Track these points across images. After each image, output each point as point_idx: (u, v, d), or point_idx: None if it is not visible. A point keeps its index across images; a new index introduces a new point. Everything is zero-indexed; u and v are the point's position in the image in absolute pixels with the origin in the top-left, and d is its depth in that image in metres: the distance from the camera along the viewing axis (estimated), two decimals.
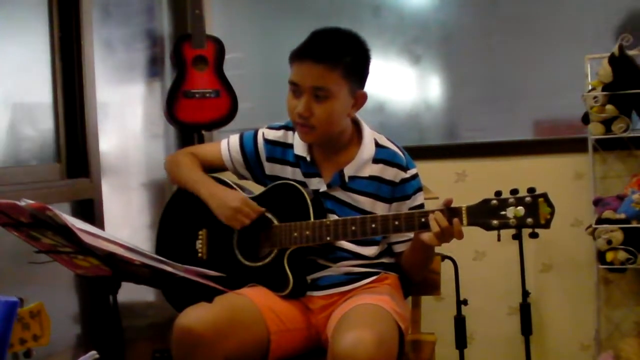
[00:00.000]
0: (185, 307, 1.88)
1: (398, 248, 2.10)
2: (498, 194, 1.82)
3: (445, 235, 1.84)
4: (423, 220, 1.87)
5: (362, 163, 2.05)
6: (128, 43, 2.92)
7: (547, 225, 1.78)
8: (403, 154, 2.09)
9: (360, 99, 2.01)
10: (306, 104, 1.94)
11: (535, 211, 1.78)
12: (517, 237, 1.93)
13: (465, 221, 1.83)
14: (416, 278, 2.16)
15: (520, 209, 1.79)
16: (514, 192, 1.81)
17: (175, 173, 2.21)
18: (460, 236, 1.84)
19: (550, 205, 1.78)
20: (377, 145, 2.08)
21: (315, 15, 3.35)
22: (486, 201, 1.83)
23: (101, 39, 2.62)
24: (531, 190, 1.80)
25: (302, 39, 2.00)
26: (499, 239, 1.84)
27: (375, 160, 2.05)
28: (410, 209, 2.04)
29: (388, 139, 2.12)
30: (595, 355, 2.88)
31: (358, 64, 1.98)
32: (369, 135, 2.08)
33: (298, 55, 1.96)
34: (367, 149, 2.05)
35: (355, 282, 2.06)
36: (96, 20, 2.54)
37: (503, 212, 1.81)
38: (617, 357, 2.76)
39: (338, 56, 1.93)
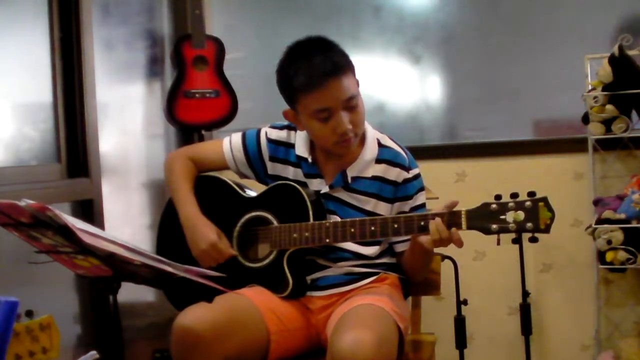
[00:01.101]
0: (186, 307, 1.89)
1: (399, 248, 2.09)
2: (498, 197, 1.81)
3: (444, 242, 1.84)
4: (422, 223, 1.86)
5: (365, 163, 2.04)
6: (128, 43, 2.92)
7: (547, 230, 1.77)
8: (406, 153, 2.09)
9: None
10: (348, 119, 1.94)
11: (535, 216, 1.77)
12: (517, 241, 1.92)
13: (464, 225, 1.82)
14: (417, 278, 2.16)
15: (520, 214, 1.78)
16: (514, 196, 1.80)
17: (168, 181, 2.23)
18: (459, 244, 1.83)
19: (550, 209, 1.77)
20: (380, 145, 2.08)
21: (315, 16, 3.35)
22: (486, 205, 1.82)
23: (101, 39, 2.62)
24: (531, 194, 1.79)
25: (302, 64, 1.97)
26: (498, 243, 1.83)
27: (378, 161, 2.05)
28: (412, 208, 2.05)
29: (391, 139, 2.11)
30: (595, 355, 2.88)
31: (348, 56, 2.00)
32: (372, 136, 2.08)
33: (317, 82, 1.91)
34: (370, 150, 2.05)
35: (355, 283, 2.06)
36: (96, 20, 2.54)
37: (503, 217, 1.80)
38: (617, 357, 2.76)
39: (344, 60, 1.96)
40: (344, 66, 1.94)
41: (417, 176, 2.08)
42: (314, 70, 1.92)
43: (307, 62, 1.94)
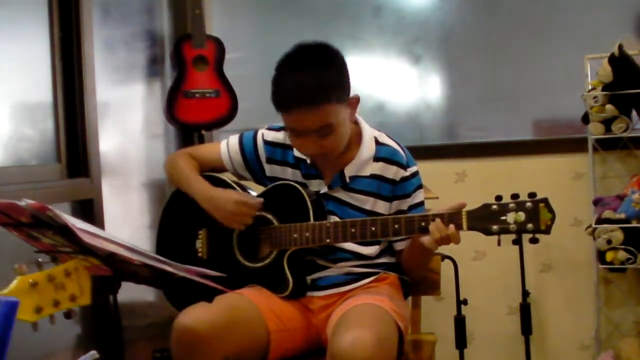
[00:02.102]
0: (186, 306, 1.89)
1: (398, 246, 2.10)
2: (498, 198, 1.81)
3: (444, 240, 1.84)
4: (423, 224, 1.87)
5: (363, 162, 2.04)
6: (128, 43, 2.92)
7: (547, 231, 1.78)
8: (403, 151, 2.08)
9: (354, 103, 2.00)
10: (314, 144, 1.93)
11: (536, 217, 1.77)
12: (517, 242, 1.93)
13: (465, 226, 1.83)
14: (416, 276, 2.16)
15: (521, 214, 1.78)
16: (515, 196, 1.80)
17: (172, 175, 2.21)
18: (457, 241, 1.84)
19: (551, 210, 1.77)
20: (378, 143, 2.07)
21: (316, 15, 3.35)
22: (486, 206, 1.82)
23: (101, 39, 2.62)
24: (532, 195, 1.79)
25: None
26: (499, 244, 1.83)
27: (376, 159, 2.05)
28: (410, 206, 2.05)
29: (388, 136, 2.11)
30: (595, 355, 2.88)
31: (341, 79, 1.94)
32: (369, 134, 2.07)
33: (285, 107, 1.89)
34: (368, 148, 2.05)
35: (355, 282, 2.06)
36: (96, 20, 2.54)
37: (503, 217, 1.80)
38: (617, 357, 2.76)
39: (322, 91, 1.87)
40: (319, 98, 1.86)
41: (415, 174, 2.08)
42: (285, 93, 1.89)
43: (286, 80, 1.90)
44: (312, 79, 1.87)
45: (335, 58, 1.96)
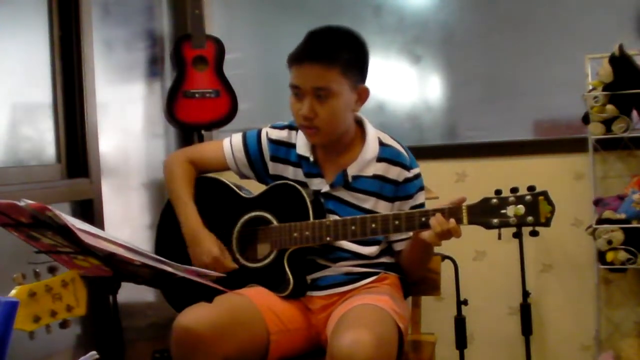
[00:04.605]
0: (185, 308, 1.88)
1: (398, 246, 2.10)
2: (498, 192, 1.82)
3: (445, 234, 1.84)
4: (423, 219, 1.87)
5: (366, 162, 2.04)
6: (128, 43, 2.92)
7: (547, 223, 1.79)
8: (406, 152, 2.09)
9: (362, 93, 2.01)
10: (309, 106, 1.94)
11: (536, 209, 1.78)
12: (517, 235, 1.95)
13: (465, 220, 1.83)
14: (416, 276, 2.16)
15: (521, 208, 1.79)
16: (514, 190, 1.81)
17: (168, 183, 2.22)
18: (458, 235, 1.84)
19: (550, 203, 1.78)
20: (381, 144, 2.07)
21: (315, 15, 3.35)
22: (486, 200, 1.83)
23: (101, 39, 2.62)
24: (531, 188, 1.80)
25: (302, 39, 2.00)
26: (499, 237, 1.84)
27: (379, 159, 2.05)
28: (412, 207, 2.05)
29: (392, 138, 2.11)
30: (595, 355, 2.88)
31: (356, 59, 1.99)
32: (373, 134, 2.08)
33: (296, 59, 1.96)
34: (371, 148, 2.05)
35: (355, 282, 2.06)
36: (96, 20, 2.54)
37: (503, 211, 1.81)
38: (618, 358, 2.76)
39: (334, 53, 1.94)
40: (329, 56, 1.93)
41: (418, 175, 2.08)
42: (302, 47, 1.97)
43: (306, 38, 1.98)
44: (330, 42, 1.96)
45: (360, 45, 2.01)
